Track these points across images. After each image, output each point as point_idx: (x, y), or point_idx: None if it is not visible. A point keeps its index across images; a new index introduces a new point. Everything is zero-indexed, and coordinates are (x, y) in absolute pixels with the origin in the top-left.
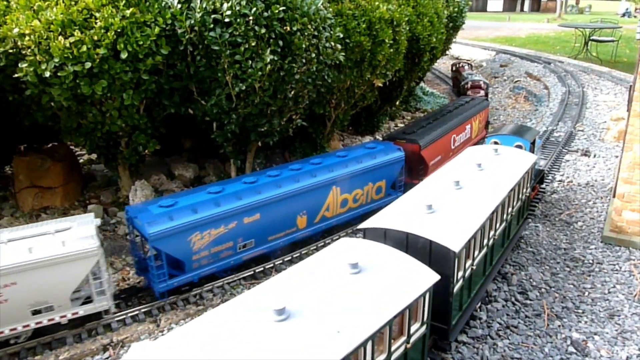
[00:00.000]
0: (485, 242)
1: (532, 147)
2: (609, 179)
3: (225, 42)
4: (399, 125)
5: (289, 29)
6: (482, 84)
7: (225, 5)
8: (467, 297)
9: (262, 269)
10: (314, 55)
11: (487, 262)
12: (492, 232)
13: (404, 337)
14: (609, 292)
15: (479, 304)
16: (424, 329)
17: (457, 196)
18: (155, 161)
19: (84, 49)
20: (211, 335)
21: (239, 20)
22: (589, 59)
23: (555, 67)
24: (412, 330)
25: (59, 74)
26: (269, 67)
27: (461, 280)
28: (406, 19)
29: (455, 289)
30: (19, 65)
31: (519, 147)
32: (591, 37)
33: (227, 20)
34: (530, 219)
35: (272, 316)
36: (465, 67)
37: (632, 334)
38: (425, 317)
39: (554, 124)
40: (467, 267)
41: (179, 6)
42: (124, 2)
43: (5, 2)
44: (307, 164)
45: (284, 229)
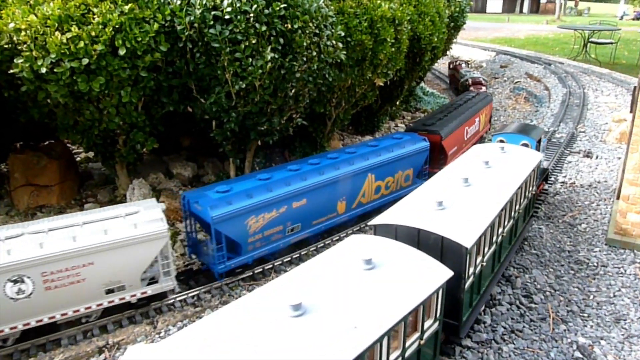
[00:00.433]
0: (494, 239)
1: (538, 146)
2: (611, 181)
3: (225, 39)
4: (399, 125)
5: (290, 26)
6: (483, 80)
7: (225, 1)
8: (476, 294)
9: (261, 269)
10: (315, 53)
11: (495, 259)
12: (500, 230)
13: (417, 334)
14: (615, 296)
15: (484, 307)
16: (437, 325)
17: (466, 193)
18: (153, 160)
19: (81, 44)
20: (226, 331)
21: (239, 17)
22: (587, 61)
23: (555, 68)
24: (425, 326)
25: (56, 70)
26: (270, 65)
27: (472, 276)
28: (408, 18)
29: (466, 286)
30: (15, 61)
31: (525, 145)
32: (590, 39)
33: (227, 17)
34: (535, 218)
35: (288, 312)
36: (462, 65)
37: (639, 339)
38: (438, 314)
39: (555, 124)
40: (477, 263)
41: (179, 2)
42: None
43: None
44: (343, 153)
45: (326, 214)
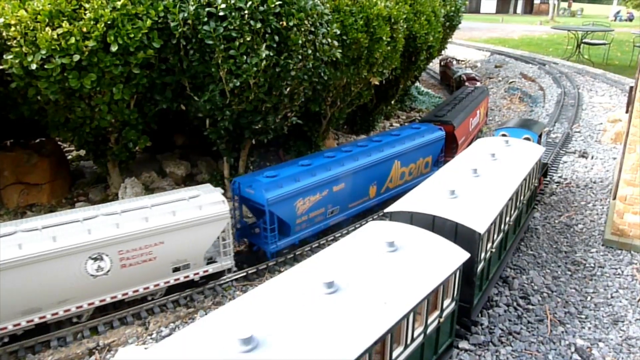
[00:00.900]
0: (502, 227)
1: (539, 140)
2: (607, 181)
3: (219, 36)
4: (394, 124)
5: (285, 24)
6: (476, 76)
7: None
8: (486, 279)
9: (255, 270)
10: (310, 51)
11: (502, 247)
12: (507, 218)
13: (437, 312)
14: (612, 297)
15: (481, 309)
16: (454, 305)
17: (475, 183)
18: (146, 158)
19: (73, 40)
20: (264, 306)
21: (234, 14)
22: (581, 61)
23: (550, 69)
24: (444, 305)
25: (46, 67)
26: (265, 62)
27: (482, 261)
28: (404, 17)
29: (478, 270)
30: (4, 56)
31: (527, 139)
32: (583, 40)
33: (221, 13)
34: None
35: (322, 289)
36: (453, 62)
37: (637, 341)
38: (455, 294)
39: (550, 125)
40: (487, 249)
41: None
42: None
43: None
44: (370, 141)
45: (360, 197)
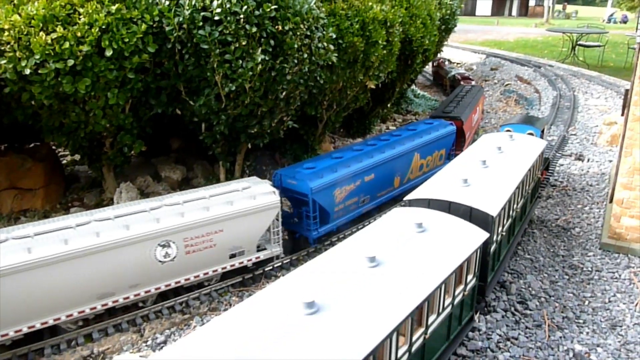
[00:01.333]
0: (510, 213)
1: (542, 135)
2: (603, 184)
3: (214, 40)
4: (391, 127)
5: (280, 28)
6: (469, 75)
7: (215, 2)
8: (497, 260)
9: (251, 275)
10: (306, 55)
11: (510, 232)
12: (515, 205)
13: (462, 286)
14: (610, 302)
15: (478, 314)
16: (475, 280)
17: (485, 173)
18: (141, 162)
19: (67, 45)
20: (320, 277)
21: (229, 18)
22: (576, 63)
23: (545, 71)
24: (468, 279)
25: (40, 72)
26: (260, 67)
27: (495, 243)
28: (399, 20)
29: (491, 250)
30: None
31: (531, 134)
32: (578, 42)
33: (217, 18)
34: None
35: (365, 263)
36: (445, 63)
37: (635, 346)
38: (476, 270)
39: (546, 127)
40: (499, 232)
41: (167, 3)
42: None
43: None
44: (391, 136)
45: (386, 187)
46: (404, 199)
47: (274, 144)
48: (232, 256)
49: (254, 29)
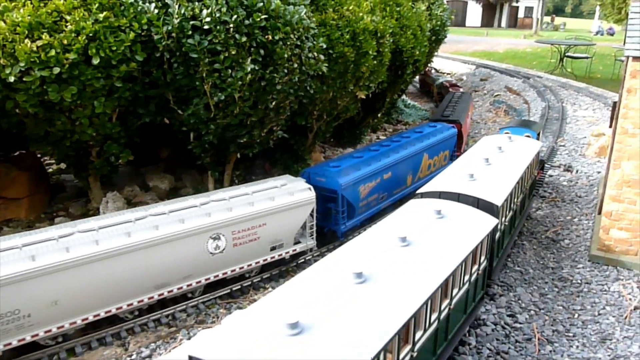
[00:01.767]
0: (512, 205)
1: (538, 137)
2: (592, 195)
3: (204, 49)
4: (381, 137)
5: (270, 37)
6: (457, 83)
7: (204, 11)
8: (501, 248)
9: (239, 286)
10: (296, 65)
11: (512, 223)
12: (515, 199)
13: (477, 266)
14: (599, 314)
15: (468, 329)
16: (486, 262)
17: (489, 169)
18: (129, 171)
19: (53, 53)
20: (361, 252)
21: (218, 27)
22: (564, 75)
23: (534, 82)
24: (480, 260)
25: (25, 79)
26: (250, 76)
27: (499, 231)
28: (390, 31)
29: (497, 237)
30: None
31: (528, 137)
32: (566, 54)
33: (206, 27)
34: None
35: (398, 242)
36: (432, 70)
37: None
38: (487, 253)
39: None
40: (503, 221)
41: (156, 11)
42: (97, 5)
43: None
44: (402, 137)
45: (401, 185)
46: (417, 192)
47: (263, 153)
48: (273, 249)
49: (244, 39)
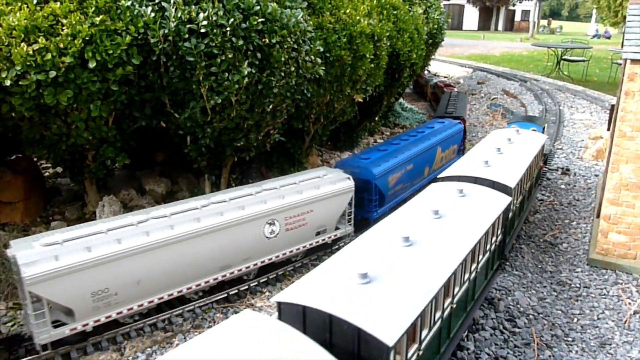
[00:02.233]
0: (521, 190)
1: (543, 131)
2: (590, 199)
3: (200, 53)
4: (378, 140)
5: (267, 41)
6: (450, 83)
7: (201, 15)
8: (512, 227)
9: (236, 291)
10: (293, 68)
11: (521, 207)
12: (525, 185)
13: (494, 237)
14: (598, 319)
15: (466, 333)
16: (501, 236)
17: (501, 157)
18: (125, 175)
19: (49, 56)
20: (404, 220)
21: (215, 30)
22: (561, 78)
23: (531, 85)
24: (498, 233)
25: (21, 83)
26: (247, 80)
27: (511, 211)
28: (387, 34)
29: (509, 216)
30: None
31: (534, 130)
32: (563, 57)
33: (203, 30)
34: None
35: (431, 215)
36: (424, 71)
37: None
38: (502, 227)
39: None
40: (514, 202)
41: (152, 15)
42: (94, 8)
43: None
44: (418, 132)
45: (420, 176)
46: (438, 177)
47: (260, 157)
48: (318, 234)
49: (241, 42)
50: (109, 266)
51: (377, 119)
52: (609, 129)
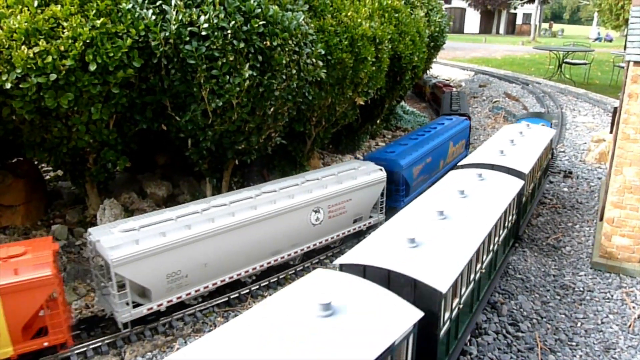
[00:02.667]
0: (533, 179)
1: (551, 126)
2: (593, 202)
3: (201, 55)
4: (380, 144)
5: (268, 43)
6: (449, 83)
7: (202, 17)
8: (525, 210)
9: (237, 294)
10: (294, 71)
11: (534, 192)
12: (536, 173)
13: (511, 216)
14: (602, 323)
15: (469, 337)
16: (516, 215)
17: (514, 148)
18: (126, 178)
19: (49, 59)
20: (438, 198)
21: (216, 33)
22: (563, 81)
23: (533, 88)
24: (514, 212)
25: (21, 86)
26: (248, 82)
27: (524, 196)
28: (389, 37)
29: (523, 200)
30: None
31: (543, 126)
32: (565, 60)
33: (204, 33)
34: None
35: (458, 194)
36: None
37: None
38: (517, 208)
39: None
40: (527, 188)
41: (153, 17)
42: (95, 11)
43: None
44: (429, 128)
45: (436, 169)
46: (458, 164)
47: (261, 160)
48: (355, 221)
49: (242, 45)
50: (182, 250)
51: (378, 122)
52: (611, 132)
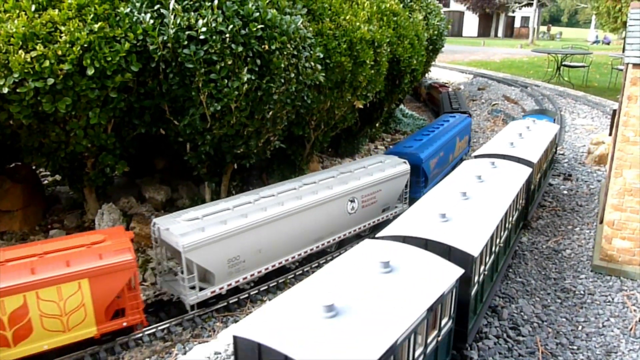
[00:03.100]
0: (540, 170)
1: (554, 122)
2: (593, 204)
3: (200, 59)
4: (379, 147)
5: (267, 47)
6: (445, 83)
7: (200, 21)
8: (533, 198)
9: (236, 299)
10: (293, 75)
11: (540, 183)
12: (543, 165)
13: (521, 200)
14: (604, 326)
15: (471, 342)
16: (524, 202)
17: (523, 140)
18: (124, 183)
19: (47, 64)
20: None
21: (215, 37)
22: (561, 83)
23: (532, 91)
24: (522, 199)
25: (19, 90)
26: (246, 86)
27: (533, 184)
28: (387, 41)
29: (531, 188)
30: None
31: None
32: (563, 63)
33: (202, 37)
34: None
35: (476, 179)
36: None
37: None
38: (526, 193)
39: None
40: (535, 177)
41: (152, 21)
42: (92, 15)
43: None
44: (437, 124)
45: (446, 163)
46: (472, 155)
47: (260, 164)
48: (383, 211)
49: (240, 48)
50: (240, 237)
51: (377, 125)
52: (610, 134)
